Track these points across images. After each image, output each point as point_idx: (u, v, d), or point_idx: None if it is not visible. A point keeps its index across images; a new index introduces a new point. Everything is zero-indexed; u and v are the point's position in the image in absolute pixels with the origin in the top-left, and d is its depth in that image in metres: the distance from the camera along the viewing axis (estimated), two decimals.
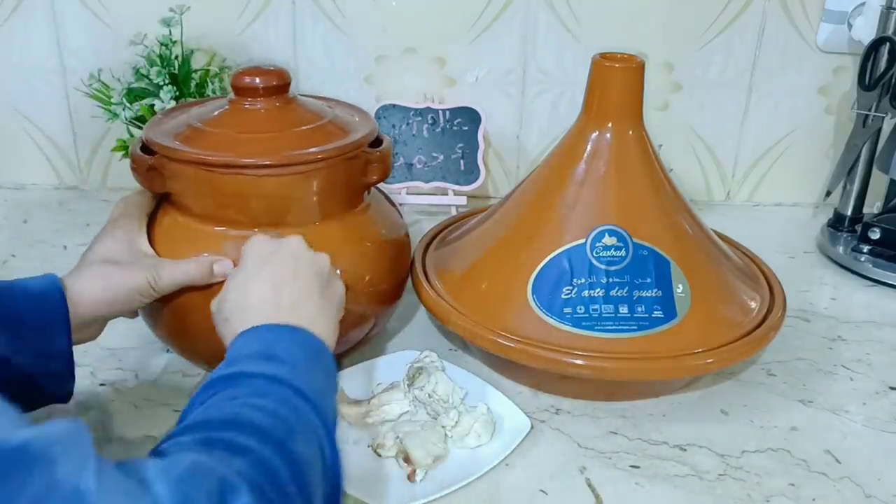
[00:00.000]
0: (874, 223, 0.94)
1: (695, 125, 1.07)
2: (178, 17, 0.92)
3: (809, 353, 0.77)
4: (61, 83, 1.03)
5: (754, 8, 1.01)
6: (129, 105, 0.91)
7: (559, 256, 0.69)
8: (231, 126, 0.70)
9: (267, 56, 1.02)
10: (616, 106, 0.71)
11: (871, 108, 0.96)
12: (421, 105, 1.02)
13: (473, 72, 1.04)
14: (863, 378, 0.74)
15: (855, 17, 0.98)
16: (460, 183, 1.03)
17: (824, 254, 0.98)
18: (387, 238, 0.74)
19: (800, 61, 1.04)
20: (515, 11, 1.00)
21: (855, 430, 0.67)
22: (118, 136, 0.98)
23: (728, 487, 0.60)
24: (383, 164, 0.72)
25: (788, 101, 1.06)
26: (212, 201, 0.67)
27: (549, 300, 0.68)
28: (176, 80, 0.92)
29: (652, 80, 0.89)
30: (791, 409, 0.69)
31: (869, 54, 0.94)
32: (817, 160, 1.09)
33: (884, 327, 0.83)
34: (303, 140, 0.68)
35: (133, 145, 0.70)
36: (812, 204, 1.12)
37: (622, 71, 0.70)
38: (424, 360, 0.68)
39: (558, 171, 0.73)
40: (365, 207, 0.74)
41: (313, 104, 0.75)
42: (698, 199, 1.11)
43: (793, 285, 0.80)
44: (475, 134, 1.02)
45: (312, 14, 1.01)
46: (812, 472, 0.62)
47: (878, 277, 0.92)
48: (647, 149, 0.72)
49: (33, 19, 1.00)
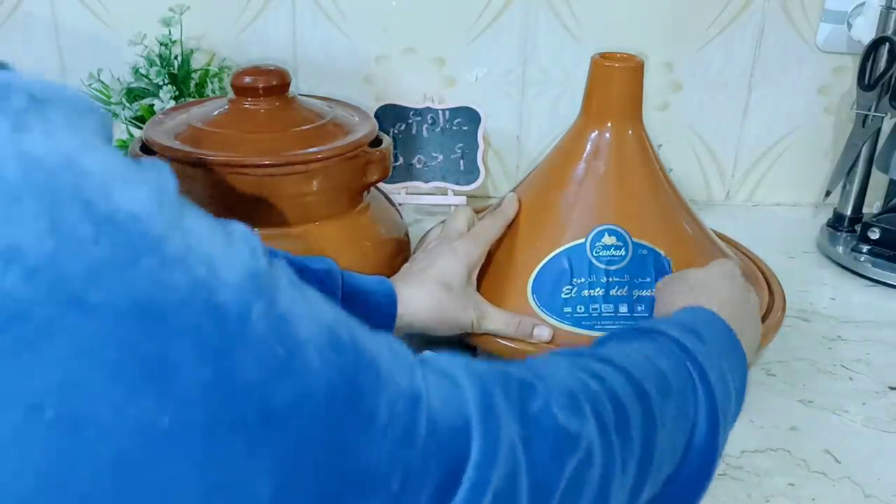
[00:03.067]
0: (874, 223, 0.94)
1: (695, 125, 1.07)
2: (178, 17, 0.92)
3: (809, 353, 0.77)
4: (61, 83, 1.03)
5: (754, 8, 1.00)
6: (129, 105, 0.91)
7: (559, 256, 0.69)
8: (231, 126, 0.70)
9: (267, 56, 1.02)
10: (616, 106, 0.71)
11: (871, 108, 0.96)
12: (421, 105, 1.02)
13: (474, 71, 1.04)
14: (863, 378, 0.74)
15: (855, 17, 0.98)
16: (460, 183, 1.03)
17: (824, 254, 0.98)
18: (387, 238, 0.74)
19: (799, 61, 1.04)
20: (515, 11, 1.00)
21: (855, 429, 0.67)
22: (118, 136, 0.98)
23: (728, 487, 0.60)
24: (383, 164, 0.72)
25: (788, 101, 1.06)
26: (212, 201, 0.67)
27: (549, 300, 0.68)
28: (175, 80, 0.92)
29: (652, 80, 0.89)
30: (791, 409, 0.69)
31: (869, 54, 0.94)
32: (817, 160, 1.09)
33: (884, 327, 0.83)
34: (303, 140, 0.68)
35: (133, 145, 0.70)
36: (812, 204, 1.12)
37: (622, 71, 0.70)
38: None
39: (558, 170, 0.73)
40: (365, 207, 0.74)
41: (313, 104, 0.75)
42: (698, 199, 1.11)
43: (792, 285, 0.80)
44: (475, 134, 1.02)
45: (312, 14, 1.01)
46: (812, 471, 0.62)
47: (878, 277, 0.91)
48: (647, 149, 0.72)
49: (33, 19, 1.00)
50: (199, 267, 0.27)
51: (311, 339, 0.30)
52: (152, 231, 0.27)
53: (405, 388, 0.33)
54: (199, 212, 0.30)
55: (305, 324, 0.30)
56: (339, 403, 0.30)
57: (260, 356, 0.28)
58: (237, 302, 0.28)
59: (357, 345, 0.32)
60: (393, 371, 0.33)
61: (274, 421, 0.27)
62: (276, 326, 0.29)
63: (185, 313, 0.26)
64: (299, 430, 0.28)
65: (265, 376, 0.27)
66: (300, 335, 0.30)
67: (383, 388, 0.32)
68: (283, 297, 0.30)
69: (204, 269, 0.27)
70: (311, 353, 0.30)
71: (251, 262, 0.29)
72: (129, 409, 0.24)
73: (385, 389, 0.32)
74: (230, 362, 0.27)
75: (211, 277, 0.27)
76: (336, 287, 0.57)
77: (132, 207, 0.27)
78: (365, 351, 0.32)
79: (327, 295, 0.55)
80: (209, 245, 0.29)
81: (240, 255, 0.29)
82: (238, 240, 0.30)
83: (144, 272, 0.26)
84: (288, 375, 0.28)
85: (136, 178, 0.28)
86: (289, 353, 0.29)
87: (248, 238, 0.31)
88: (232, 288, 0.28)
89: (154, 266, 0.26)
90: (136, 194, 0.27)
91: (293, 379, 0.28)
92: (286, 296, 0.30)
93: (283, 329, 0.29)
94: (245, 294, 0.28)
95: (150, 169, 0.29)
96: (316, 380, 0.29)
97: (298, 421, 0.28)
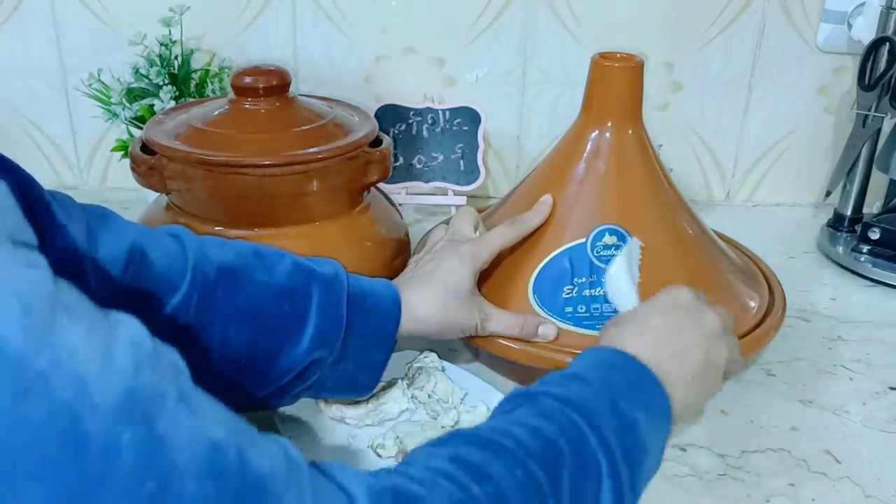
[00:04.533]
0: (874, 223, 0.94)
1: (695, 125, 1.07)
2: (178, 17, 0.92)
3: (809, 353, 0.77)
4: (61, 83, 1.03)
5: (754, 8, 1.00)
6: (129, 105, 0.91)
7: (560, 256, 0.69)
8: (231, 126, 0.70)
9: (267, 56, 1.02)
10: (616, 105, 0.71)
11: (871, 108, 0.96)
12: (421, 105, 1.02)
13: (474, 72, 1.04)
14: (863, 378, 0.74)
15: (855, 17, 0.98)
16: (460, 183, 1.03)
17: (824, 254, 0.98)
18: (387, 238, 0.74)
19: (800, 61, 1.04)
20: (515, 11, 1.00)
21: (855, 430, 0.67)
22: (118, 136, 0.98)
23: (728, 487, 0.60)
24: (383, 164, 0.72)
25: (788, 101, 1.06)
26: (212, 201, 0.67)
27: (551, 299, 0.68)
28: (176, 80, 0.92)
29: (652, 80, 0.89)
30: (791, 409, 0.69)
31: (869, 54, 0.94)
32: (817, 160, 1.09)
33: (884, 327, 0.83)
34: (303, 140, 0.68)
35: (133, 145, 0.70)
36: (812, 204, 1.12)
37: (622, 70, 0.70)
38: (424, 361, 0.68)
39: (558, 170, 0.73)
40: (365, 207, 0.74)
41: (313, 104, 0.75)
42: (698, 199, 1.11)
43: (793, 285, 0.80)
44: (475, 134, 1.02)
45: (312, 14, 1.01)
46: (812, 472, 0.62)
47: (878, 277, 0.91)
48: (647, 148, 0.72)
49: (33, 19, 1.00)
50: (65, 389, 0.24)
51: (190, 466, 0.27)
52: (10, 351, 0.24)
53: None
54: (79, 312, 0.27)
55: (185, 449, 0.27)
56: None
57: (125, 495, 0.25)
58: (105, 432, 0.25)
59: (244, 466, 0.30)
60: (283, 496, 0.31)
61: None
62: (149, 456, 0.26)
63: (38, 452, 0.23)
64: None
65: None
66: (178, 463, 0.27)
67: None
68: (164, 415, 0.27)
69: (71, 391, 0.24)
70: (186, 484, 0.27)
71: (130, 380, 0.26)
72: None
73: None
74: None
75: (77, 401, 0.24)
76: (342, 291, 0.56)
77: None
78: (251, 474, 0.30)
79: (332, 301, 0.55)
80: (81, 361, 0.25)
81: (118, 369, 0.26)
82: (122, 347, 0.27)
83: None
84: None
85: (2, 288, 0.24)
86: (160, 488, 0.26)
87: (135, 342, 0.28)
88: (102, 415, 0.25)
89: (5, 396, 0.23)
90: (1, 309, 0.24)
91: None
92: (169, 414, 0.27)
93: (157, 457, 0.26)
94: (116, 421, 0.25)
95: (21, 271, 0.25)
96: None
97: None
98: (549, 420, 0.43)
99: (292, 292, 0.54)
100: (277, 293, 0.54)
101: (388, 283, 0.61)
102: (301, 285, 0.55)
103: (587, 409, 0.44)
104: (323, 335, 0.54)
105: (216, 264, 0.53)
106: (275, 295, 0.54)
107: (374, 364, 0.59)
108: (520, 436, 0.42)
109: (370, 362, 0.59)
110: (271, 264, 0.55)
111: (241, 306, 0.53)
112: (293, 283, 0.55)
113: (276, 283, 0.54)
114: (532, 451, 0.41)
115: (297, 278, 0.55)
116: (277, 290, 0.54)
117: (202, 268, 0.52)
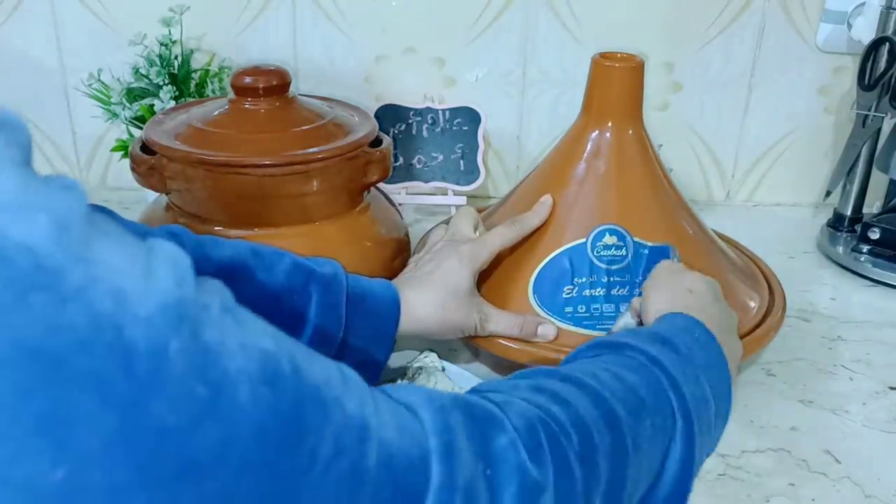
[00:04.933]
0: (874, 223, 0.94)
1: (695, 125, 1.07)
2: (178, 17, 0.92)
3: (809, 353, 0.77)
4: (61, 83, 1.03)
5: (754, 8, 1.00)
6: (129, 105, 0.91)
7: (560, 256, 0.69)
8: (231, 126, 0.70)
9: (267, 56, 1.02)
10: (616, 106, 0.71)
11: (871, 108, 0.96)
12: (421, 105, 1.02)
13: (474, 72, 1.04)
14: (863, 378, 0.74)
15: (855, 17, 0.98)
16: (460, 183, 1.03)
17: (824, 254, 0.98)
18: (387, 238, 0.74)
19: (799, 61, 1.04)
20: (515, 12, 1.00)
21: (855, 430, 0.67)
22: (118, 136, 0.98)
23: (728, 487, 0.60)
24: (383, 164, 0.72)
25: (788, 101, 1.06)
26: (212, 201, 0.67)
27: (551, 299, 0.68)
28: (176, 80, 0.92)
29: (652, 80, 0.89)
30: (791, 409, 0.69)
31: (869, 54, 0.94)
32: (817, 160, 1.09)
33: (884, 327, 0.83)
34: (303, 140, 0.68)
35: (133, 145, 0.70)
36: (812, 204, 1.12)
37: (622, 71, 0.70)
38: (424, 360, 0.68)
39: (558, 170, 0.73)
40: (365, 207, 0.74)
41: (313, 104, 0.75)
42: (698, 199, 1.11)
43: (792, 285, 0.80)
44: (475, 134, 1.02)
45: (312, 14, 1.01)
46: (812, 472, 0.62)
47: (878, 277, 0.91)
48: (647, 148, 0.72)
49: (33, 19, 1.00)
50: (104, 301, 0.24)
51: (243, 371, 0.27)
52: (47, 264, 0.24)
53: (353, 418, 0.31)
54: (116, 236, 0.27)
55: (237, 355, 0.27)
56: (274, 446, 0.27)
57: (176, 399, 0.25)
58: (150, 338, 0.25)
59: (300, 374, 0.30)
60: (342, 400, 0.31)
61: (194, 473, 0.25)
62: (199, 361, 0.26)
63: (85, 357, 0.24)
64: (225, 481, 0.26)
65: (183, 422, 0.25)
66: (229, 368, 0.27)
67: (328, 421, 0.30)
68: (210, 325, 0.27)
69: (110, 302, 0.25)
70: (241, 390, 0.27)
71: (172, 291, 0.26)
72: (18, 468, 0.22)
73: (330, 422, 0.30)
74: (139, 410, 0.24)
75: (118, 312, 0.25)
76: (341, 291, 0.56)
77: (25, 239, 0.24)
78: (308, 380, 0.30)
79: (331, 301, 0.55)
80: (121, 275, 0.25)
81: (159, 283, 0.26)
82: (161, 264, 0.27)
83: (35, 312, 0.23)
84: (211, 418, 0.26)
85: (33, 205, 0.25)
86: (213, 392, 0.26)
87: (174, 261, 0.28)
88: (145, 322, 0.25)
89: (46, 304, 0.23)
90: (31, 223, 0.24)
91: (217, 421, 0.26)
92: (215, 324, 0.27)
93: (207, 363, 0.26)
94: (161, 328, 0.25)
95: (55, 192, 0.26)
96: (245, 420, 0.27)
97: (224, 470, 0.26)
98: (635, 372, 0.46)
99: (291, 292, 0.54)
100: (277, 293, 0.54)
101: (388, 283, 0.61)
102: (300, 285, 0.55)
103: (673, 373, 0.47)
104: (322, 335, 0.54)
105: (215, 264, 0.53)
106: (274, 295, 0.54)
107: (373, 364, 0.59)
108: (604, 378, 0.44)
109: (370, 362, 0.59)
110: (270, 264, 0.55)
111: None
112: (292, 283, 0.55)
113: (276, 283, 0.54)
114: (616, 393, 0.43)
115: (296, 278, 0.55)
116: (277, 290, 0.54)
117: (201, 267, 0.52)
